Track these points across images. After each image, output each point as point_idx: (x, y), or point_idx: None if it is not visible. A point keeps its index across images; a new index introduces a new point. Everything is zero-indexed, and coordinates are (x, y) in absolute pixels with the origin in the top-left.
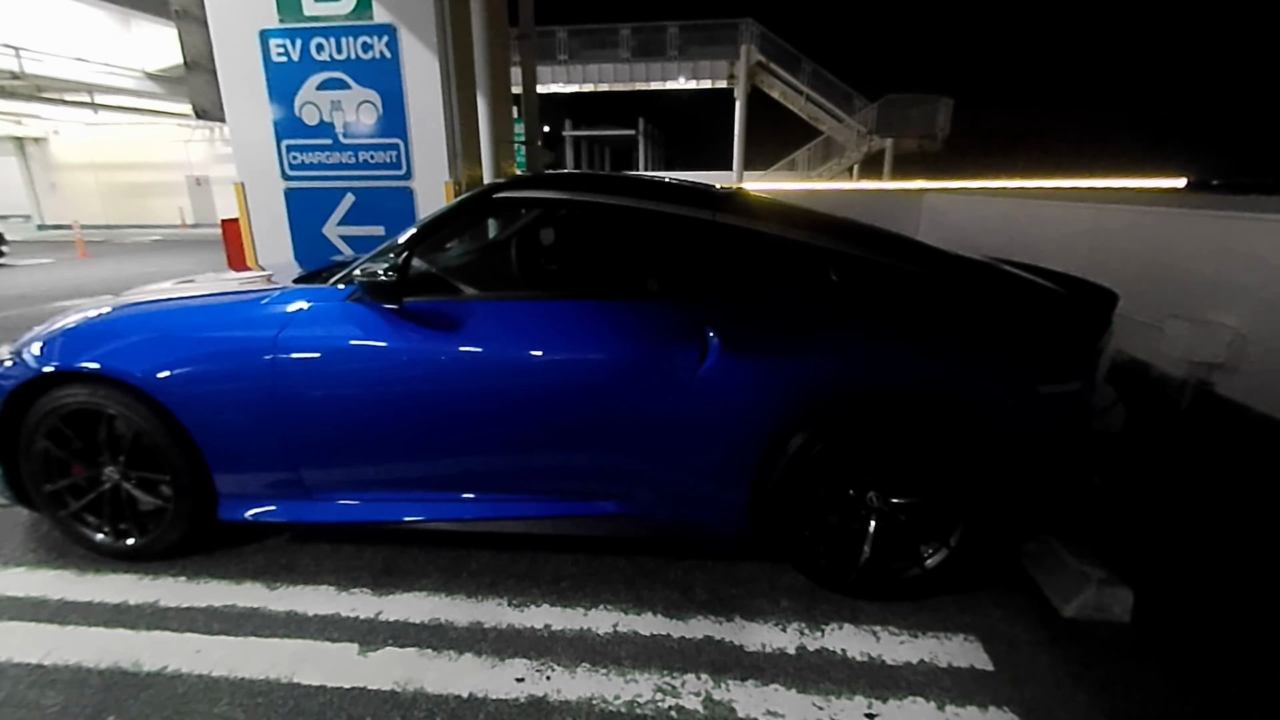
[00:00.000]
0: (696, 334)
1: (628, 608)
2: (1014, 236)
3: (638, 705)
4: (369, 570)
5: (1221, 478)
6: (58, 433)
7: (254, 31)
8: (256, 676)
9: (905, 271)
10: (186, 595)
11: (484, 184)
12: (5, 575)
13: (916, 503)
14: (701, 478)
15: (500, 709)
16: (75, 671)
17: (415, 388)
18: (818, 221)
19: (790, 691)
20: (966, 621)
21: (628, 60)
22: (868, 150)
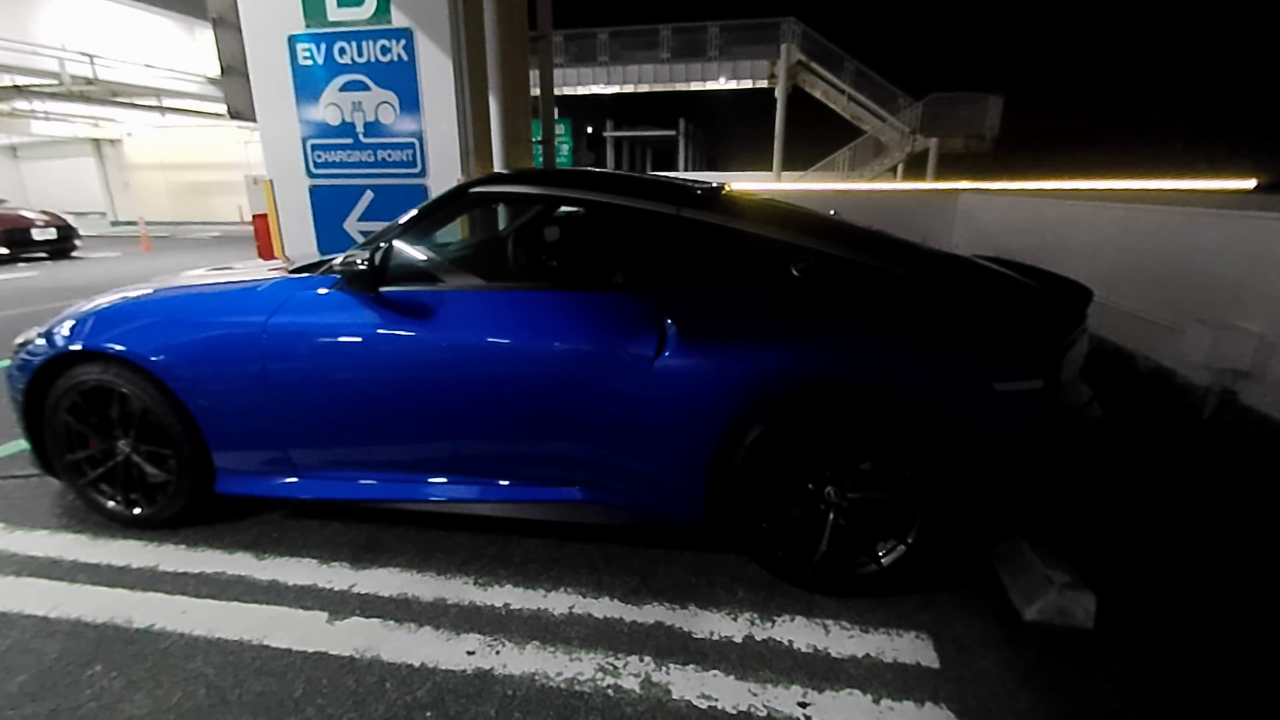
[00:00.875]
0: (655, 325)
1: (587, 591)
2: (1043, 237)
3: (578, 682)
4: (350, 546)
5: (1212, 484)
6: (77, 408)
7: (283, 36)
8: (231, 637)
9: (867, 266)
10: (183, 561)
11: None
12: (30, 537)
13: (873, 499)
14: (659, 467)
15: (447, 679)
16: (75, 625)
17: (390, 373)
18: (785, 217)
19: (729, 678)
20: (922, 620)
21: (668, 61)
22: (911, 150)
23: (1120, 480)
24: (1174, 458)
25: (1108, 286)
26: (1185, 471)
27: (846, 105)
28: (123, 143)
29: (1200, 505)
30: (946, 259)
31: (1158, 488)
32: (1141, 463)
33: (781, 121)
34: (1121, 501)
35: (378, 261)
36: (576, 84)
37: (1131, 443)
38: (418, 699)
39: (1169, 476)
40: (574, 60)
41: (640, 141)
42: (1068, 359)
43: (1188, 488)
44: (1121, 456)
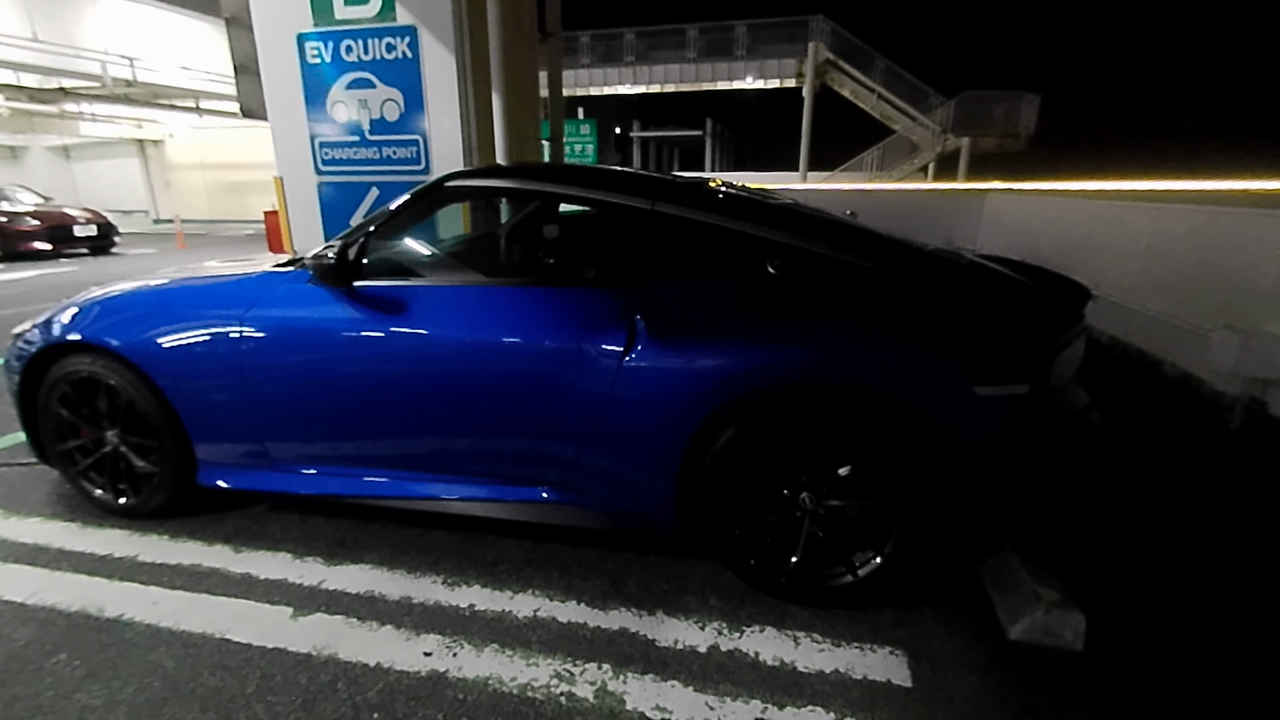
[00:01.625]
0: (625, 322)
1: (555, 594)
2: (1069, 239)
3: (531, 688)
4: (327, 541)
5: (1230, 500)
6: (67, 398)
7: (292, 35)
8: (195, 630)
9: (846, 263)
10: (162, 552)
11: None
12: (22, 523)
13: (850, 506)
14: (629, 468)
15: (400, 680)
16: (49, 612)
17: (359, 368)
18: (765, 213)
19: (687, 689)
20: (899, 635)
21: (694, 60)
22: (942, 150)
23: (1130, 494)
24: (1191, 471)
25: (1135, 289)
26: (1202, 486)
27: (876, 104)
28: (164, 143)
29: (1215, 523)
30: (934, 257)
31: (1170, 503)
32: (1156, 475)
33: (808, 121)
34: (1128, 516)
35: (349, 256)
36: (603, 84)
37: (1149, 454)
38: (367, 700)
39: (1183, 491)
40: (600, 60)
41: (667, 142)
42: (1058, 362)
43: (1203, 504)
44: (1136, 468)
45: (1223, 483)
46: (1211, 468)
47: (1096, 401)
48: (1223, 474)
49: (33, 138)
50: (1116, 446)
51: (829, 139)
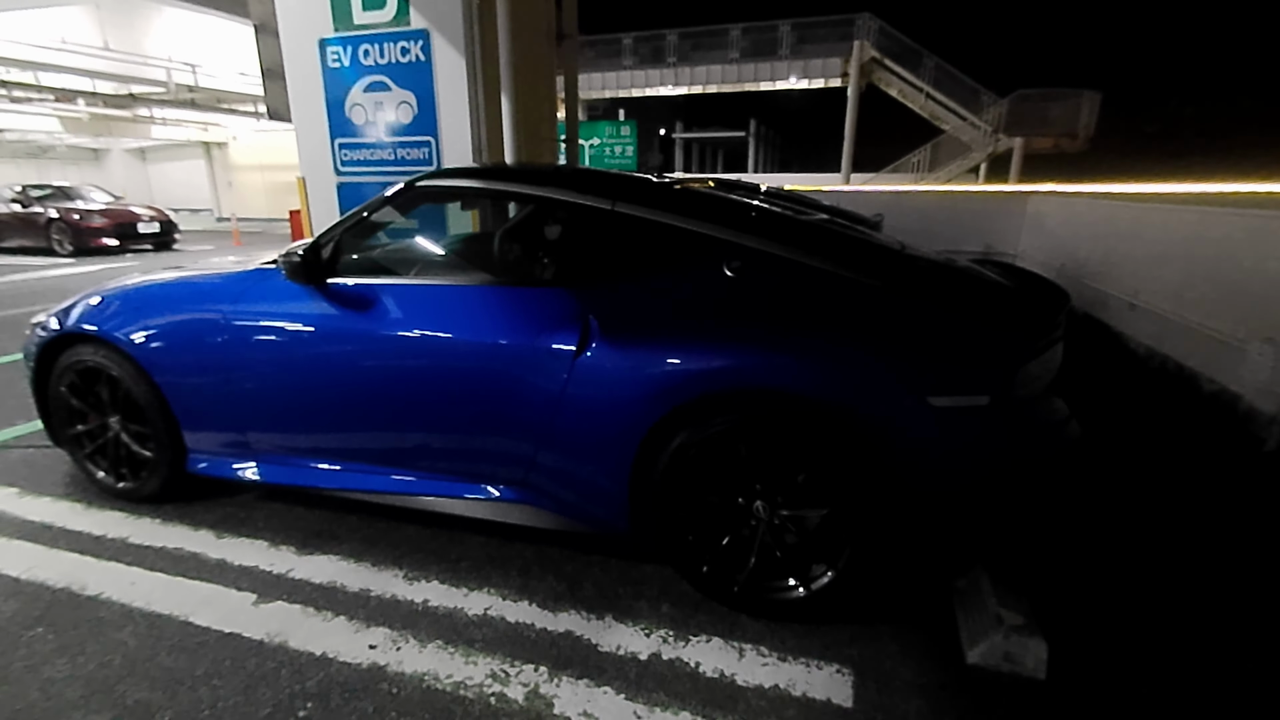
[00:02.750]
0: (579, 322)
1: (509, 594)
2: (1109, 243)
3: (464, 686)
4: (303, 531)
5: (1245, 530)
6: (74, 386)
7: (314, 40)
8: (163, 611)
9: (805, 267)
10: (151, 535)
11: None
12: (35, 502)
13: (804, 518)
14: (582, 469)
15: (340, 670)
16: (38, 587)
17: (329, 362)
18: (729, 215)
19: (618, 697)
20: (851, 653)
21: (736, 61)
22: (994, 150)
23: (1130, 514)
24: (1215, 493)
25: (1172, 298)
26: (1223, 511)
27: (924, 103)
28: (228, 146)
29: (1227, 553)
30: (902, 260)
31: (1180, 528)
32: (1174, 496)
33: (852, 121)
34: (1123, 540)
35: (317, 254)
36: (645, 86)
37: (1164, 476)
38: (305, 689)
39: (1201, 515)
40: (642, 62)
41: (710, 143)
42: (1024, 373)
43: (1219, 531)
44: (1147, 491)
45: (1248, 509)
46: (1239, 491)
47: (1130, 417)
48: (1251, 499)
49: (112, 141)
50: (1123, 462)
51: (875, 140)
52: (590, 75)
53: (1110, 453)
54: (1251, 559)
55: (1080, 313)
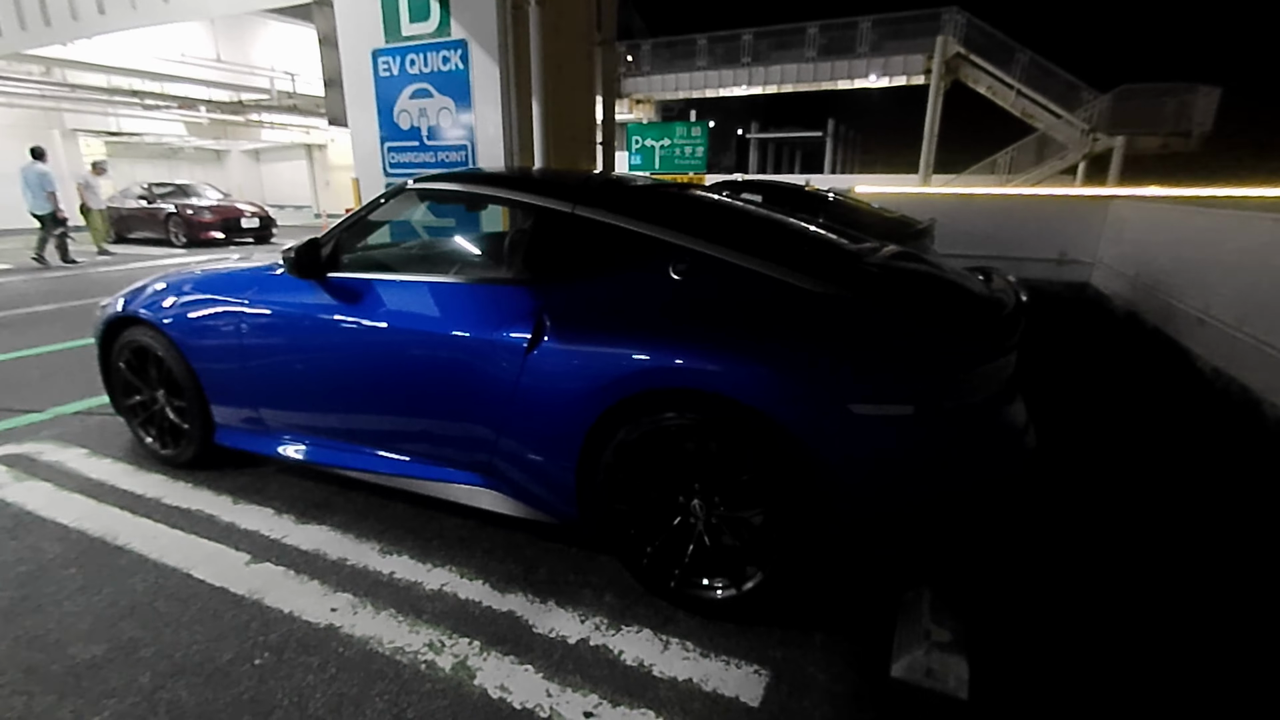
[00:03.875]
0: (534, 318)
1: (467, 572)
2: (1183, 251)
3: (402, 652)
4: (306, 502)
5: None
6: (129, 362)
7: (368, 51)
8: (171, 564)
9: (748, 272)
10: (181, 497)
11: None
12: (98, 462)
13: (736, 520)
14: (536, 458)
15: (299, 628)
16: (80, 535)
17: (322, 350)
18: (688, 219)
19: (536, 675)
20: (775, 655)
21: (813, 60)
22: (1090, 151)
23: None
24: (1228, 525)
25: (1239, 313)
26: (1234, 546)
27: (1015, 101)
28: (327, 148)
29: (1225, 594)
30: (859, 263)
31: (1153, 559)
32: (1177, 524)
33: (932, 120)
34: (1090, 568)
35: (314, 251)
36: (718, 86)
37: (1186, 500)
38: (268, 640)
39: (1203, 547)
40: (717, 62)
41: (788, 144)
42: (959, 383)
43: (1217, 565)
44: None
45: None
46: (1249, 524)
47: (1190, 443)
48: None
49: (230, 143)
50: (1153, 483)
51: (962, 139)
52: (664, 77)
53: (1145, 475)
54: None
55: (1150, 326)
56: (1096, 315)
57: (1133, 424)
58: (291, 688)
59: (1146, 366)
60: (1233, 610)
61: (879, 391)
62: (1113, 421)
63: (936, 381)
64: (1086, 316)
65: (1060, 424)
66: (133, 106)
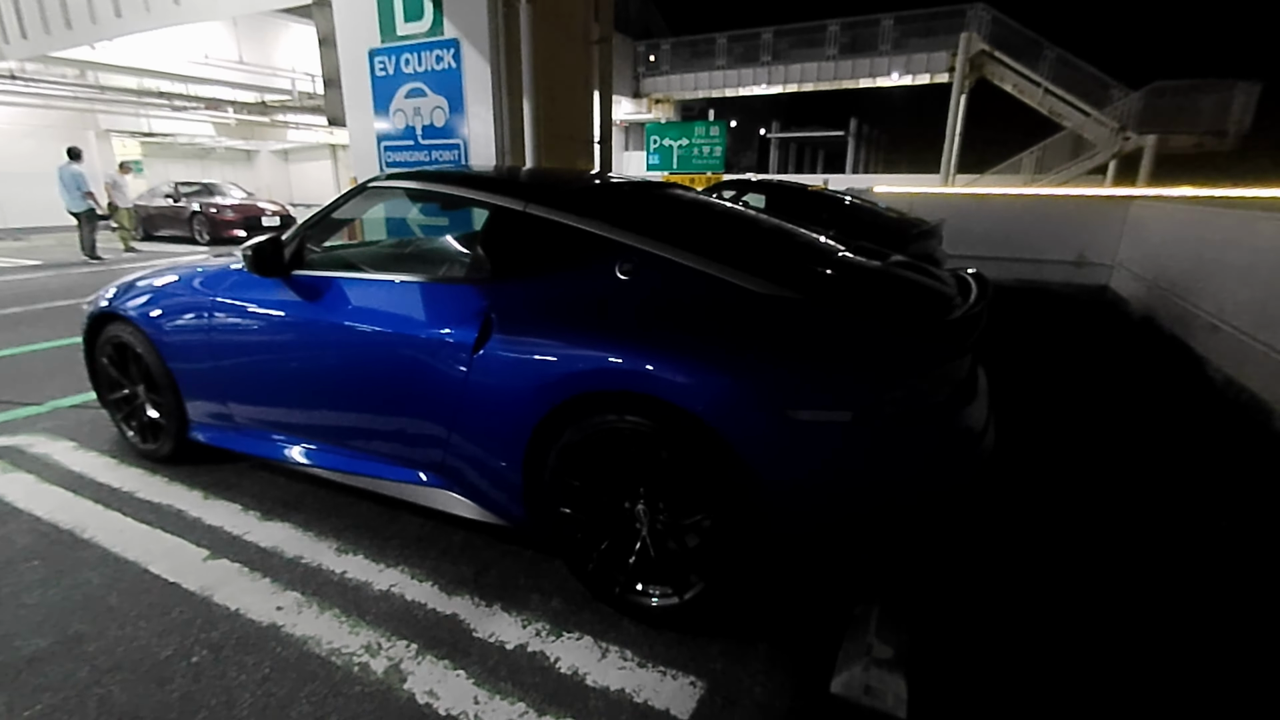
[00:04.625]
0: (482, 316)
1: (419, 573)
2: (1203, 254)
3: (338, 653)
4: (273, 499)
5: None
6: (111, 358)
7: (365, 51)
8: (131, 558)
9: (695, 272)
10: (154, 491)
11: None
12: (83, 455)
13: (679, 527)
14: (483, 456)
15: (244, 626)
16: (50, 528)
17: (284, 347)
18: (640, 218)
19: (468, 681)
20: (714, 667)
21: (834, 58)
22: (1120, 150)
23: (1113, 561)
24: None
25: (1253, 318)
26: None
27: (1042, 99)
28: (350, 148)
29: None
30: (809, 264)
31: (1156, 578)
32: (1163, 540)
33: (955, 119)
34: (1053, 586)
35: (286, 250)
36: (738, 85)
37: (1176, 516)
38: (209, 638)
39: (1184, 565)
40: (736, 61)
41: (810, 143)
42: (900, 390)
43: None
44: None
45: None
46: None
47: (1202, 457)
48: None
49: (260, 143)
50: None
51: (987, 138)
52: (684, 76)
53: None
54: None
55: (1166, 332)
56: (1112, 320)
57: (1130, 433)
58: (223, 687)
59: (1156, 374)
60: (1197, 636)
61: (816, 397)
62: (1110, 431)
63: (878, 386)
64: (1102, 321)
65: (1055, 433)
66: (162, 108)
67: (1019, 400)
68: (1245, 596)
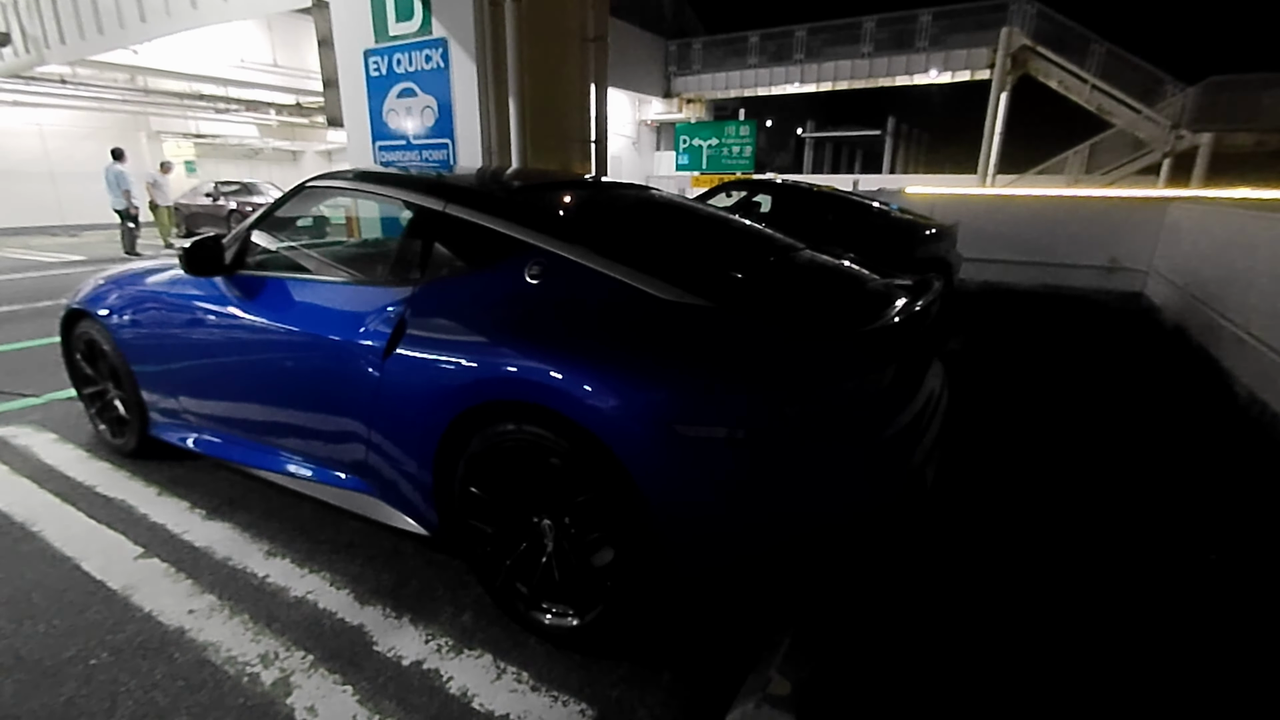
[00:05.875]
0: (396, 318)
1: (339, 580)
2: (1234, 262)
3: (232, 663)
4: (221, 498)
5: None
6: (84, 354)
7: (360, 51)
8: (68, 554)
9: (605, 277)
10: (113, 486)
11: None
12: (58, 448)
13: (581, 544)
14: (397, 463)
15: (152, 629)
16: (3, 519)
17: (222, 346)
18: (560, 219)
19: (352, 698)
20: (611, 695)
21: (869, 55)
22: (1174, 148)
23: (1086, 595)
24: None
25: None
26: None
27: (1089, 95)
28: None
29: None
30: (727, 266)
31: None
32: (1149, 570)
33: (995, 118)
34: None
35: (223, 249)
36: (769, 84)
37: (1167, 544)
38: (114, 640)
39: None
40: (769, 60)
41: (846, 142)
42: (801, 406)
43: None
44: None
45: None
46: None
47: (1194, 476)
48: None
49: (304, 144)
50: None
51: (1030, 137)
52: (715, 75)
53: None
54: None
55: (1195, 343)
56: (1142, 329)
57: (1137, 452)
58: (109, 693)
59: (1177, 389)
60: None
61: (704, 411)
62: (1115, 448)
63: (776, 400)
64: (1130, 331)
65: (1061, 450)
66: (205, 110)
67: (1024, 414)
68: (1221, 640)
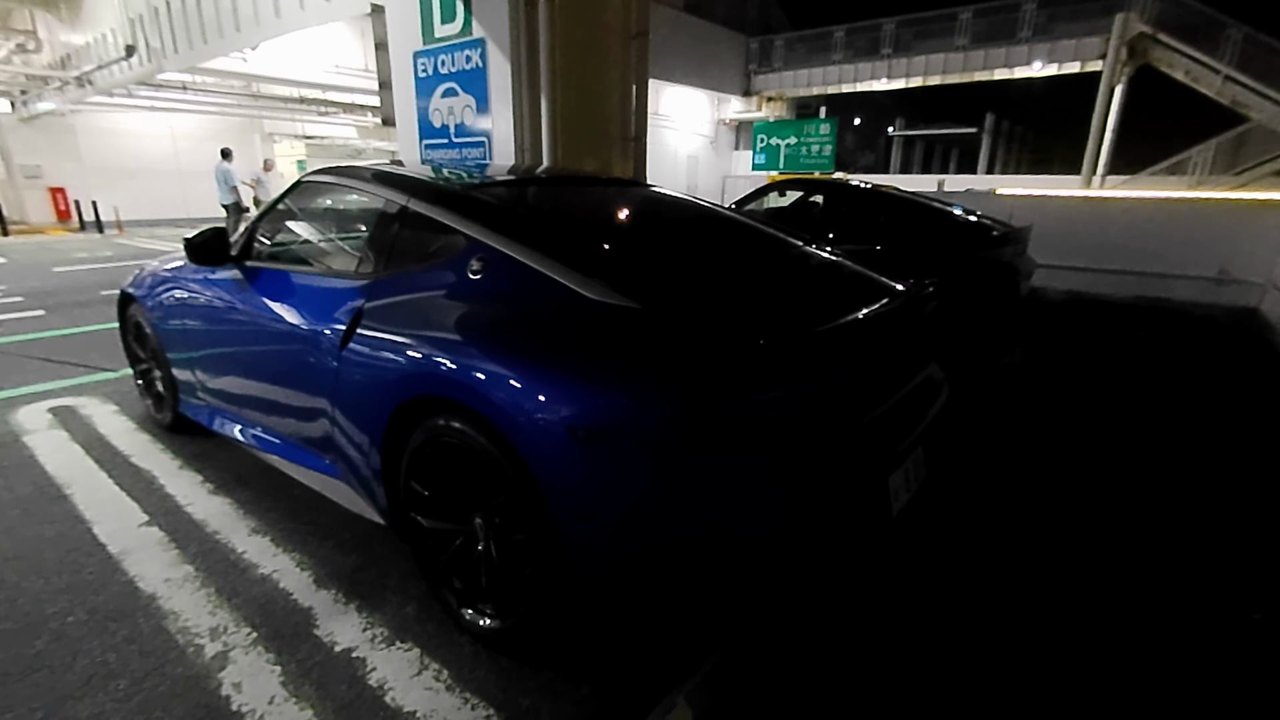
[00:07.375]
0: (353, 311)
1: (305, 562)
2: None
3: (185, 633)
4: (233, 474)
5: None
6: (133, 334)
7: (410, 54)
8: (86, 516)
9: (541, 276)
10: (145, 457)
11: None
12: (115, 419)
13: (506, 545)
14: (352, 455)
15: (128, 595)
16: (46, 482)
17: (228, 333)
18: (513, 217)
19: (277, 680)
20: (522, 702)
21: (964, 48)
22: None
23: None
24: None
25: None
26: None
27: (1222, 87)
28: (399, 147)
29: None
30: (689, 278)
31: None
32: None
33: (1105, 113)
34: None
35: (222, 242)
36: (855, 80)
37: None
38: (94, 601)
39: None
40: (855, 55)
41: (940, 140)
42: (712, 416)
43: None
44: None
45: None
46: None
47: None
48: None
49: (372, 142)
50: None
51: (1148, 133)
52: (797, 72)
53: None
54: None
55: None
56: (1252, 351)
57: (1231, 503)
58: (69, 651)
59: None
60: None
61: (606, 414)
62: (1203, 494)
63: (687, 405)
64: (1236, 352)
65: (1131, 490)
66: (309, 113)
67: (1083, 442)
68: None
